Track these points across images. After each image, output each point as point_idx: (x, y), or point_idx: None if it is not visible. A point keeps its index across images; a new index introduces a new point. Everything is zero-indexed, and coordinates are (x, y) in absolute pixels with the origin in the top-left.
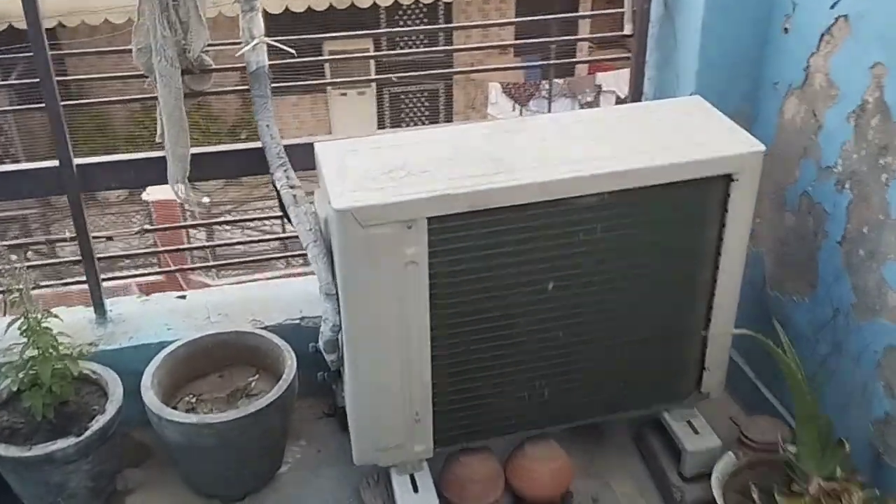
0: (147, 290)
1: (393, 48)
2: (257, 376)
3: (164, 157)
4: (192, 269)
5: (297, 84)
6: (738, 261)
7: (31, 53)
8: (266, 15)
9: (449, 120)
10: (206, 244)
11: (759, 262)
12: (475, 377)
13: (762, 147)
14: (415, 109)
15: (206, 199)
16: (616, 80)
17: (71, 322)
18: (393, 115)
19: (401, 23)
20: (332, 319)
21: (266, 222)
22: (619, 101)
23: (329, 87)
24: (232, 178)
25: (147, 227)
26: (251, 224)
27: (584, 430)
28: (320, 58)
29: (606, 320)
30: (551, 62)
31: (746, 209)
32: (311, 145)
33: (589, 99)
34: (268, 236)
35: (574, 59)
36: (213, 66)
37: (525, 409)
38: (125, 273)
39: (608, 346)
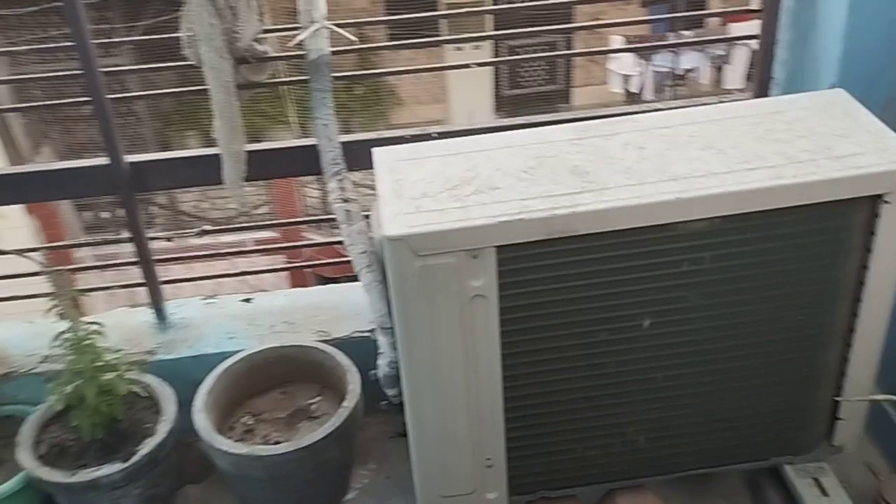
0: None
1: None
2: (320, 397)
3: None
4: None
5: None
6: (887, 294)
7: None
8: None
9: (568, 75)
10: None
11: None
12: (556, 421)
13: None
14: (533, 63)
15: None
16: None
17: (131, 326)
18: (510, 68)
19: None
20: (389, 354)
21: None
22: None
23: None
24: (296, 176)
25: (207, 227)
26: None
27: (688, 477)
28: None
29: (714, 362)
30: (678, 16)
31: None
32: (375, 142)
33: (721, 52)
34: None
35: (701, 12)
36: (270, 55)
37: (614, 457)
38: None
39: (715, 390)
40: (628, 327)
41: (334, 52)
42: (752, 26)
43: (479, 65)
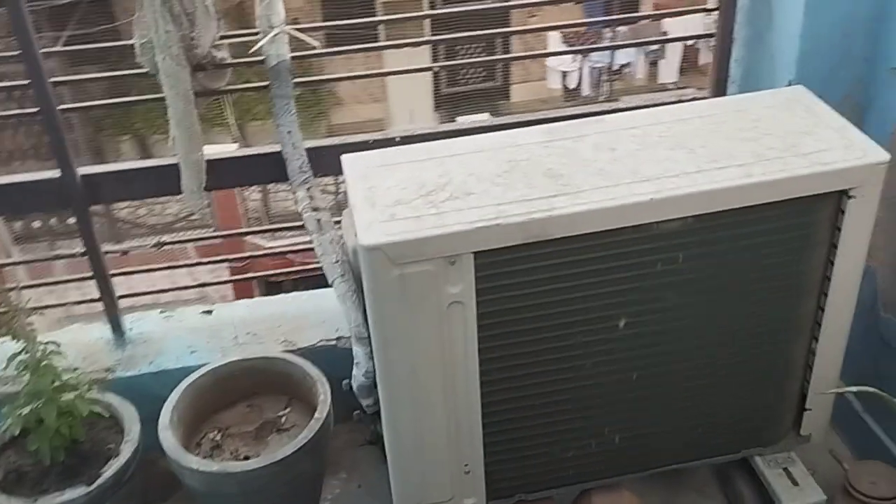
0: (202, 252)
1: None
2: (289, 409)
3: (177, 165)
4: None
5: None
6: (851, 290)
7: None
8: None
9: (506, 71)
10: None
11: (868, 278)
12: (533, 424)
13: (886, 156)
14: (468, 54)
15: None
16: (685, 27)
17: (87, 342)
18: (449, 67)
19: None
20: (364, 365)
21: None
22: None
23: (383, 39)
24: (257, 184)
25: (164, 240)
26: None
27: (661, 473)
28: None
29: (688, 359)
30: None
31: (863, 230)
32: (340, 147)
33: (655, 47)
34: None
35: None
36: (229, 61)
37: (591, 457)
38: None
39: (689, 387)
40: (604, 328)
41: (294, 58)
42: (683, 21)
43: (441, 67)
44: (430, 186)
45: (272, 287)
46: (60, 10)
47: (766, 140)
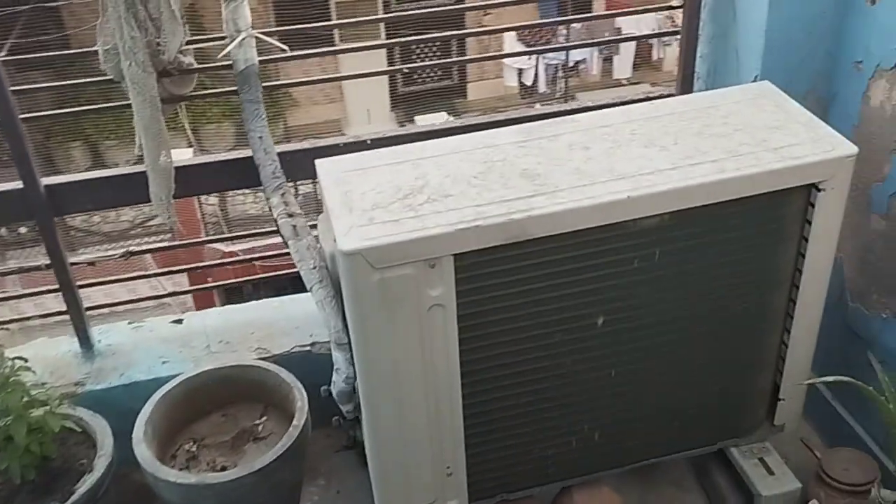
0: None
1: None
2: (265, 417)
3: (145, 173)
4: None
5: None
6: (822, 281)
7: None
8: None
9: (462, 71)
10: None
11: (835, 269)
12: (514, 424)
13: (854, 149)
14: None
15: None
16: (637, 24)
17: (54, 356)
18: (403, 62)
19: None
20: (345, 370)
21: None
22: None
23: (337, 41)
24: (227, 190)
25: (133, 249)
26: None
27: (638, 468)
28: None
29: (665, 354)
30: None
31: (833, 222)
32: (312, 151)
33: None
34: None
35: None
36: (195, 66)
37: (572, 454)
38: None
39: (666, 382)
40: (583, 326)
41: (262, 62)
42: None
43: (399, 69)
44: (406, 189)
45: (232, 293)
46: (4, 18)
47: (738, 136)
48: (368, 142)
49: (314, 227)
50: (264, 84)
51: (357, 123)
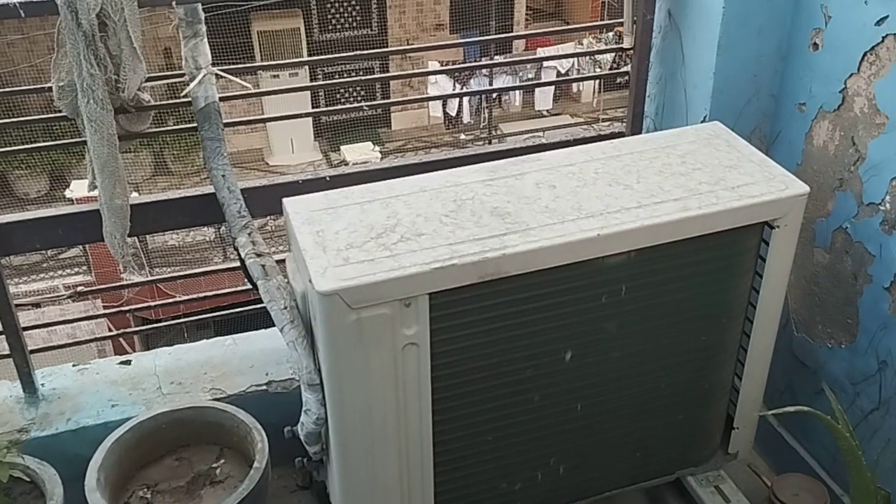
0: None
1: (325, 27)
2: (223, 460)
3: (98, 211)
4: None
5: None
6: (775, 313)
7: None
8: None
9: (386, 96)
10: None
11: None
12: (483, 460)
13: (806, 188)
14: (350, 89)
15: None
16: (558, 61)
17: None
18: (328, 94)
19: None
20: (315, 412)
21: None
22: (560, 75)
23: (259, 70)
24: (185, 228)
25: (81, 289)
26: None
27: (596, 500)
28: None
29: (628, 387)
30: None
31: (786, 258)
32: (271, 188)
33: (530, 75)
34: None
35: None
36: (152, 104)
37: (537, 488)
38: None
39: (630, 413)
40: (551, 361)
41: (222, 99)
42: (555, 50)
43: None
44: (379, 229)
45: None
46: None
47: (696, 174)
48: (327, 178)
49: (280, 262)
50: (226, 121)
51: (280, 153)
